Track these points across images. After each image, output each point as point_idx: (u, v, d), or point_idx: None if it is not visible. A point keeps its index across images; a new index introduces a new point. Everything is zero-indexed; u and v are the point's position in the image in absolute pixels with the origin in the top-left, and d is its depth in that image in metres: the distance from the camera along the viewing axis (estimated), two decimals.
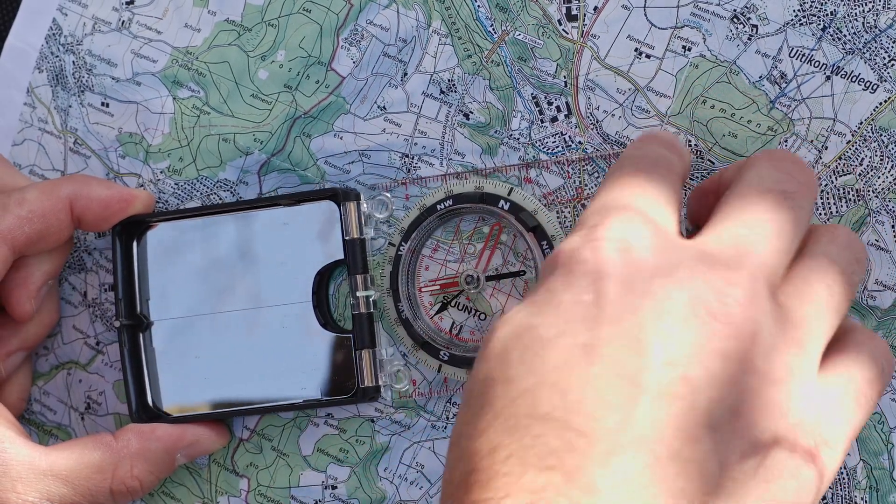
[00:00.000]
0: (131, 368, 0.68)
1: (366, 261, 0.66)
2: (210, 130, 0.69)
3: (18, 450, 0.65)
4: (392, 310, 0.65)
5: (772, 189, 0.53)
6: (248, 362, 0.67)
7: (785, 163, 0.55)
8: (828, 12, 0.61)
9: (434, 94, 0.66)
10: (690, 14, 0.62)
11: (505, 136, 0.65)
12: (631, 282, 0.49)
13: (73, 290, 0.72)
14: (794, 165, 0.55)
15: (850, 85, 0.61)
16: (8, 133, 0.73)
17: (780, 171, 0.54)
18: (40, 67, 0.72)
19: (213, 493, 0.69)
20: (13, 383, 0.71)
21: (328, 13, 0.67)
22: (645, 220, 0.51)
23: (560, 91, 0.64)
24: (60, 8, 0.71)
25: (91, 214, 0.68)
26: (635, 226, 0.50)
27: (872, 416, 0.61)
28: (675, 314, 0.48)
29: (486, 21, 0.65)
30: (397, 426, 0.66)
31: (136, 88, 0.70)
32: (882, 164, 0.60)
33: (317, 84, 0.67)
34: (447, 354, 0.65)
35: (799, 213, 0.53)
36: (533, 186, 0.64)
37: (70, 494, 0.65)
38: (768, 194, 0.53)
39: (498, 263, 0.65)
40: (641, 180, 0.53)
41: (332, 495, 0.67)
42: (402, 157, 0.66)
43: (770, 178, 0.54)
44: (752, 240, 0.51)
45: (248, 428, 0.69)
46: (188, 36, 0.69)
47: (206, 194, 0.69)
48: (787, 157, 0.55)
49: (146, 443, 0.66)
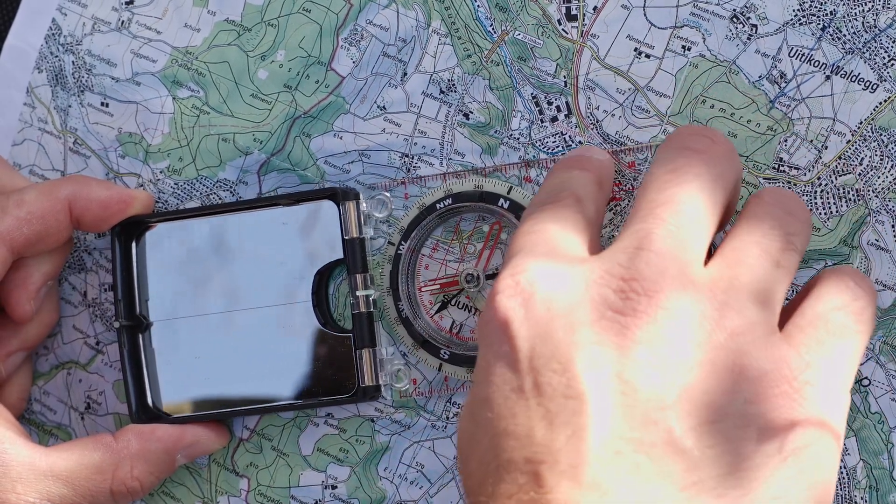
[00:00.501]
0: (131, 369, 0.68)
1: (365, 260, 0.66)
2: (210, 130, 0.69)
3: (18, 450, 0.64)
4: (392, 309, 0.65)
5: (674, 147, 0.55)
6: (248, 362, 0.67)
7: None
8: (827, 12, 0.61)
9: (434, 94, 0.66)
10: (690, 14, 0.62)
11: (505, 136, 0.65)
12: (533, 315, 0.51)
13: (73, 290, 0.71)
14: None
15: (850, 84, 0.61)
16: (8, 133, 0.73)
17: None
18: (40, 67, 0.72)
19: (213, 493, 0.69)
20: (13, 383, 0.71)
21: (328, 13, 0.67)
22: (535, 256, 0.53)
23: (560, 91, 0.64)
24: (60, 8, 0.71)
25: (90, 215, 0.68)
26: (525, 268, 0.52)
27: (872, 415, 0.61)
28: (583, 322, 0.50)
29: (485, 21, 0.65)
30: (397, 426, 0.66)
31: (136, 88, 0.70)
32: (882, 164, 0.60)
33: (316, 84, 0.67)
34: (447, 353, 0.65)
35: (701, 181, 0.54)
36: (533, 186, 0.64)
37: (70, 495, 0.65)
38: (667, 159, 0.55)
39: (498, 262, 0.65)
40: (539, 222, 0.55)
41: (332, 495, 0.67)
42: (402, 157, 0.66)
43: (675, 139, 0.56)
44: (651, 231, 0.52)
45: (248, 428, 0.69)
46: (188, 36, 0.69)
47: (205, 194, 0.69)
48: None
49: (146, 443, 0.66)
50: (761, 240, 0.54)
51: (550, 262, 0.53)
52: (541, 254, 0.53)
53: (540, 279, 0.52)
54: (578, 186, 0.57)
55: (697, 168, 0.54)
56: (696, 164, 0.54)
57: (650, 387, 0.49)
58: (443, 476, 0.66)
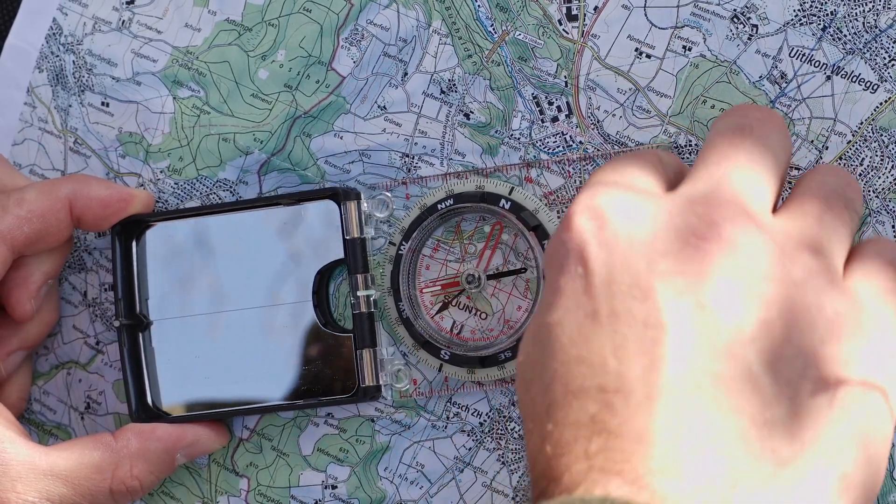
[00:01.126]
0: (131, 368, 0.68)
1: (366, 260, 0.66)
2: (210, 130, 0.69)
3: (18, 450, 0.64)
4: (393, 309, 0.65)
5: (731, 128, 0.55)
6: (248, 362, 0.67)
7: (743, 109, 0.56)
8: (828, 12, 0.61)
9: (434, 94, 0.66)
10: (691, 14, 0.62)
11: (506, 136, 0.65)
12: (611, 240, 0.50)
13: (73, 290, 0.71)
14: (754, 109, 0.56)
15: (851, 85, 0.61)
16: (8, 132, 0.73)
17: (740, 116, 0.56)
18: (40, 67, 0.72)
19: (213, 492, 0.69)
20: (13, 383, 0.71)
21: (328, 13, 0.67)
22: (615, 186, 0.52)
23: (561, 91, 0.64)
24: (61, 7, 0.71)
25: (90, 214, 0.67)
26: (604, 193, 0.51)
27: None
28: (665, 251, 0.49)
29: (486, 21, 0.65)
30: (397, 426, 0.66)
31: (137, 88, 0.70)
32: (882, 164, 0.60)
33: (317, 84, 0.67)
34: (448, 354, 0.65)
35: (764, 142, 0.54)
36: (534, 186, 0.64)
37: (70, 494, 0.65)
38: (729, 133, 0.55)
39: (499, 263, 0.65)
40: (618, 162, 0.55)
41: (332, 495, 0.67)
42: (403, 157, 0.66)
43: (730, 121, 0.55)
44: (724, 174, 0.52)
45: (248, 428, 0.69)
46: (188, 36, 0.69)
47: (205, 194, 0.69)
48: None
49: (146, 443, 0.66)
50: (824, 198, 0.54)
51: (630, 193, 0.52)
52: (620, 185, 0.52)
53: (619, 206, 0.51)
54: (663, 154, 0.56)
55: (761, 128, 0.54)
56: (758, 126, 0.55)
57: (732, 318, 0.48)
58: (443, 476, 0.66)
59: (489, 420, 0.65)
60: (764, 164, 0.53)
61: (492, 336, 0.65)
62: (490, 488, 0.65)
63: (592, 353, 0.48)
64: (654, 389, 0.47)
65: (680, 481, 0.46)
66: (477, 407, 0.65)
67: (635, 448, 0.46)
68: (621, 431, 0.47)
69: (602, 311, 0.49)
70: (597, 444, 0.47)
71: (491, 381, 0.65)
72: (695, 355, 0.48)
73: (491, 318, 0.65)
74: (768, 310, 0.49)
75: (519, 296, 0.65)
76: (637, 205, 0.51)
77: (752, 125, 0.55)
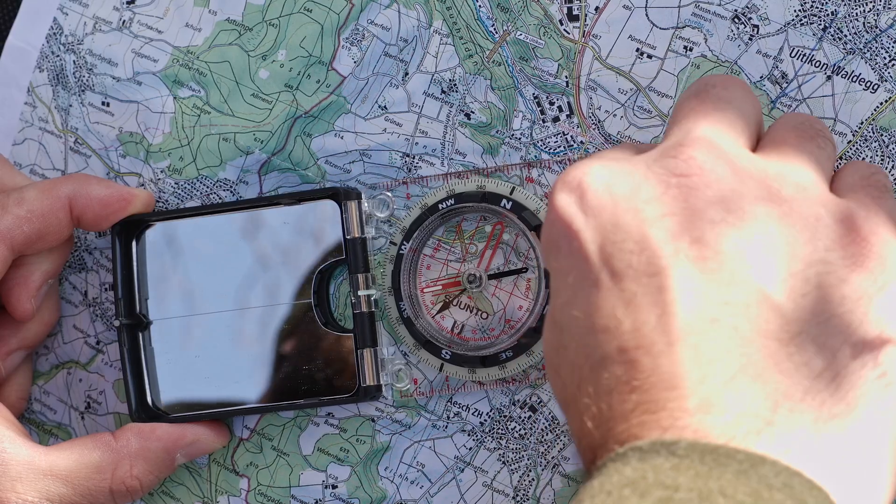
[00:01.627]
0: (131, 368, 0.68)
1: (367, 260, 0.66)
2: (210, 130, 0.69)
3: (18, 449, 0.64)
4: (394, 309, 0.66)
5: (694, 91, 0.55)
6: (249, 362, 0.67)
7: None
8: (828, 12, 0.61)
9: (435, 94, 0.66)
10: (692, 14, 0.63)
11: (506, 136, 0.65)
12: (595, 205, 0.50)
13: (73, 290, 0.71)
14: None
15: (851, 85, 0.61)
16: (8, 132, 0.73)
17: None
18: (41, 67, 0.72)
19: (213, 492, 0.69)
20: (13, 383, 0.71)
21: (329, 13, 0.67)
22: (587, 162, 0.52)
23: (562, 91, 0.64)
24: (61, 7, 0.71)
25: (90, 213, 0.67)
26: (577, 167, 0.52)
27: None
28: (650, 198, 0.50)
29: (487, 21, 0.65)
30: (398, 425, 0.66)
31: (137, 88, 0.70)
32: (883, 164, 0.61)
33: (318, 84, 0.67)
34: (449, 353, 0.65)
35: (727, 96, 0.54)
36: (535, 186, 0.64)
37: (70, 494, 0.65)
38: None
39: (500, 263, 0.65)
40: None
41: (332, 494, 0.67)
42: (403, 157, 0.66)
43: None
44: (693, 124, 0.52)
45: (248, 427, 0.69)
46: (189, 35, 0.69)
47: (206, 194, 0.69)
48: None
49: (146, 442, 0.66)
50: (794, 128, 0.54)
51: (604, 160, 0.52)
52: (597, 158, 0.52)
53: (595, 173, 0.51)
54: (638, 143, 0.56)
55: (723, 85, 0.55)
56: (720, 84, 0.55)
57: (730, 245, 0.48)
58: (443, 476, 0.66)
59: (490, 420, 0.65)
60: (732, 112, 0.53)
61: (493, 336, 0.65)
62: (490, 488, 0.65)
63: (606, 318, 0.48)
64: (673, 334, 0.47)
65: (719, 415, 0.46)
66: (477, 407, 0.65)
67: (668, 395, 0.46)
68: (651, 383, 0.47)
69: (604, 275, 0.49)
70: (631, 402, 0.47)
71: (492, 380, 0.65)
72: (703, 290, 0.48)
73: (492, 317, 0.65)
74: (766, 228, 0.49)
75: (520, 295, 0.65)
76: (612, 166, 0.51)
77: (713, 83, 0.55)
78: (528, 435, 0.65)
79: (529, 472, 0.65)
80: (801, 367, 0.47)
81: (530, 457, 0.65)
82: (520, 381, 0.64)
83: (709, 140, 0.51)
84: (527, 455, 0.65)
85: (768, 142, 0.54)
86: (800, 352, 0.48)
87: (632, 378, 0.47)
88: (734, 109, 0.53)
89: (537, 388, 0.64)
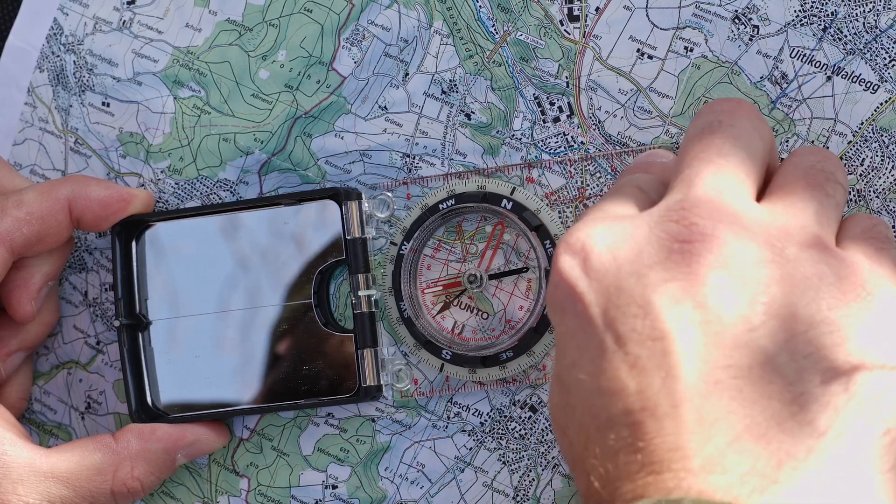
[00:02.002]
0: (131, 368, 0.68)
1: (367, 260, 0.66)
2: (211, 130, 0.69)
3: (19, 452, 0.64)
4: (394, 309, 0.66)
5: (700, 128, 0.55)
6: (248, 362, 0.67)
7: None
8: (828, 13, 0.61)
9: (435, 95, 0.66)
10: (692, 15, 0.63)
11: (507, 137, 0.65)
12: (598, 269, 0.51)
13: (73, 290, 0.71)
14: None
15: (851, 85, 0.61)
16: (9, 133, 0.72)
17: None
18: (41, 67, 0.72)
19: (213, 492, 0.69)
20: (13, 383, 0.70)
21: (329, 13, 0.67)
22: (591, 221, 0.53)
23: (562, 91, 0.64)
24: (61, 7, 0.71)
25: (90, 214, 0.67)
26: (580, 229, 0.52)
27: None
28: (652, 263, 0.50)
29: (487, 21, 0.65)
30: (398, 426, 0.66)
31: (137, 88, 0.70)
32: (883, 165, 0.61)
33: (318, 84, 0.67)
34: (449, 353, 0.65)
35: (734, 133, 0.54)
36: (535, 186, 0.64)
37: (71, 496, 0.65)
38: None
39: (500, 263, 0.65)
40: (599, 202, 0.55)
41: (332, 495, 0.67)
42: (404, 157, 0.66)
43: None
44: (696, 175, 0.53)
45: (249, 428, 0.69)
46: (189, 36, 0.69)
47: (206, 194, 0.69)
48: None
49: (146, 443, 0.66)
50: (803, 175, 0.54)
51: (607, 221, 0.52)
52: (597, 218, 0.53)
53: (598, 235, 0.51)
54: (641, 181, 0.56)
55: (730, 120, 0.55)
56: (727, 118, 0.55)
57: (734, 309, 0.49)
58: (443, 476, 0.66)
59: (490, 420, 0.65)
60: (737, 156, 0.53)
61: (493, 336, 0.65)
62: (491, 488, 0.65)
63: (611, 381, 0.49)
64: (677, 397, 0.47)
65: (722, 474, 0.46)
66: (478, 407, 0.65)
67: (673, 455, 0.47)
68: (655, 444, 0.47)
69: (608, 339, 0.49)
70: (637, 463, 0.47)
71: (492, 380, 0.65)
72: (707, 354, 0.48)
73: (492, 317, 0.65)
74: (768, 291, 0.49)
75: (520, 296, 0.65)
76: (615, 228, 0.52)
77: (720, 119, 0.55)
78: (529, 435, 0.65)
79: (530, 473, 0.65)
80: (805, 427, 0.48)
81: (530, 457, 0.65)
82: (520, 382, 0.64)
83: (709, 199, 0.51)
84: (527, 455, 0.65)
85: (776, 188, 0.54)
86: (803, 411, 0.48)
87: (637, 439, 0.48)
88: (740, 151, 0.54)
89: (537, 389, 0.65)
